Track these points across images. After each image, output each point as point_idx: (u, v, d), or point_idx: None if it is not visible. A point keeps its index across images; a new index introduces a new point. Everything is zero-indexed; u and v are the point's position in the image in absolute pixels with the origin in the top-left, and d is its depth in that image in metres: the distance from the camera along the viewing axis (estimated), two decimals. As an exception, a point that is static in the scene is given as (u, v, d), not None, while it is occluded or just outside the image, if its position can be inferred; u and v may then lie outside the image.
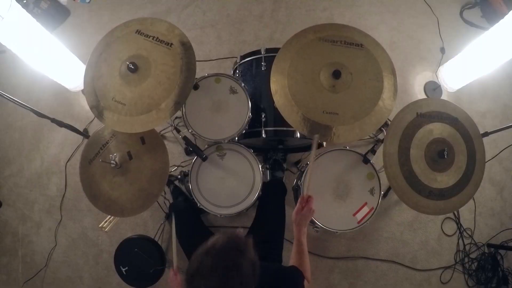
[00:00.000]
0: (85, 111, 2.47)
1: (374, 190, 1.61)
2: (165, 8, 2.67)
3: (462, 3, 2.60)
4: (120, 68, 1.39)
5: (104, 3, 2.76)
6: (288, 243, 1.92)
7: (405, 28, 2.53)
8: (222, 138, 1.69)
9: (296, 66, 1.39)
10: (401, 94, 2.35)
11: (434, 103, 1.43)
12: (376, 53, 1.42)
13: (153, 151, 1.44)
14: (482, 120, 2.34)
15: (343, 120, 1.33)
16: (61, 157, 2.42)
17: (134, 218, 2.22)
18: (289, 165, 2.21)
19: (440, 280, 2.08)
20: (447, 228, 2.15)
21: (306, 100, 1.35)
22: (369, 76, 1.39)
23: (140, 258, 1.66)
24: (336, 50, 1.42)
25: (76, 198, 2.33)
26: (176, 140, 2.33)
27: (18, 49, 1.90)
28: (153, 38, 1.42)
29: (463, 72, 2.18)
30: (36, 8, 2.58)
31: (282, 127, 1.73)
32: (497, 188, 2.24)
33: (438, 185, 1.36)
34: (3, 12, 1.64)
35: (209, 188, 1.68)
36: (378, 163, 1.61)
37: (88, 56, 1.47)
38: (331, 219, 1.57)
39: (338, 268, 2.08)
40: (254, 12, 2.60)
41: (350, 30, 1.46)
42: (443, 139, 1.39)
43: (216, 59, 2.48)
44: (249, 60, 1.86)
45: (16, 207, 2.40)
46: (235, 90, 1.75)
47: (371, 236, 2.13)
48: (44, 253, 2.28)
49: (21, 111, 1.80)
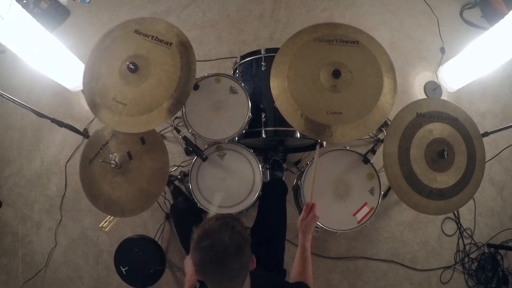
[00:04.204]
0: (85, 111, 2.47)
1: (374, 190, 1.61)
2: (165, 8, 2.68)
3: (462, 3, 2.60)
4: (120, 68, 1.39)
5: (104, 3, 2.76)
6: (289, 244, 1.92)
7: (405, 28, 2.53)
8: (222, 138, 1.68)
9: (295, 69, 1.38)
10: (401, 94, 2.35)
11: (434, 103, 1.43)
12: (372, 49, 1.42)
13: (153, 151, 1.44)
14: (482, 120, 2.34)
15: (348, 119, 1.33)
16: (61, 157, 2.42)
17: (134, 218, 2.22)
18: (289, 165, 2.21)
19: (440, 280, 2.08)
20: (447, 228, 2.15)
21: (308, 102, 1.35)
22: (368, 72, 1.39)
23: (140, 258, 1.66)
24: (333, 49, 1.41)
25: (76, 198, 2.33)
26: (176, 140, 2.33)
27: (18, 49, 1.90)
28: (152, 38, 1.42)
29: (463, 72, 2.18)
30: (36, 8, 2.58)
31: (282, 127, 1.73)
32: (497, 188, 2.24)
33: (438, 185, 1.36)
34: (3, 12, 1.64)
35: (209, 188, 1.68)
36: (378, 163, 1.61)
37: (88, 56, 1.47)
38: (331, 219, 1.57)
39: (338, 268, 2.08)
40: (254, 12, 2.60)
41: (344, 27, 1.46)
42: (443, 139, 1.39)
43: (216, 59, 2.48)
44: (249, 60, 1.86)
45: (16, 207, 2.40)
46: (235, 90, 1.75)
47: (371, 236, 2.13)
48: (44, 253, 2.28)
49: (21, 111, 1.80)
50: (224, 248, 0.87)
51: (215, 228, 0.90)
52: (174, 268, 2.08)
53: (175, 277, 2.09)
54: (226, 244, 0.87)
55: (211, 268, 0.88)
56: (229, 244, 0.88)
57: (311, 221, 1.32)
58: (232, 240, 0.88)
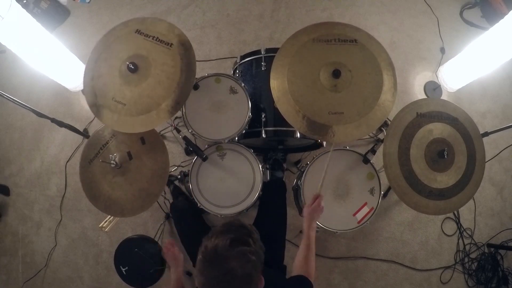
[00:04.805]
0: (85, 111, 2.47)
1: (374, 190, 1.61)
2: (165, 8, 2.68)
3: (462, 3, 2.60)
4: (120, 68, 1.39)
5: (104, 3, 2.76)
6: (289, 244, 1.92)
7: (405, 28, 2.53)
8: (222, 138, 1.68)
9: (294, 71, 1.38)
10: (401, 94, 2.35)
11: (434, 103, 1.43)
12: (371, 47, 1.42)
13: (153, 151, 1.44)
14: (482, 120, 2.34)
15: (349, 118, 1.33)
16: (61, 157, 2.42)
17: (134, 218, 2.22)
18: (289, 165, 2.21)
19: (440, 280, 2.08)
20: (447, 228, 2.15)
21: (309, 103, 1.35)
22: (368, 70, 1.39)
23: (140, 258, 1.66)
24: (332, 49, 1.41)
25: (76, 198, 2.33)
26: (176, 140, 2.33)
27: (18, 49, 1.90)
28: (153, 38, 1.42)
29: (463, 72, 2.18)
30: (36, 8, 2.58)
31: (282, 127, 1.73)
32: (497, 188, 2.24)
33: (438, 185, 1.36)
34: (3, 12, 1.64)
35: (209, 188, 1.68)
36: (378, 163, 1.61)
37: (88, 56, 1.47)
38: (331, 219, 1.57)
39: (338, 268, 2.08)
40: (254, 12, 2.60)
41: (341, 26, 1.46)
42: (443, 139, 1.39)
43: (216, 59, 2.48)
44: (249, 60, 1.86)
45: (16, 207, 2.40)
46: (235, 90, 1.75)
47: (371, 236, 2.13)
48: (44, 253, 2.28)
49: (21, 111, 1.80)
50: (234, 280, 0.81)
51: (227, 255, 0.82)
52: (174, 268, 2.08)
53: (175, 277, 2.09)
54: (237, 276, 0.81)
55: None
56: (241, 276, 0.82)
57: (316, 209, 1.34)
58: (244, 272, 0.82)
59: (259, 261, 0.86)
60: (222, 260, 0.82)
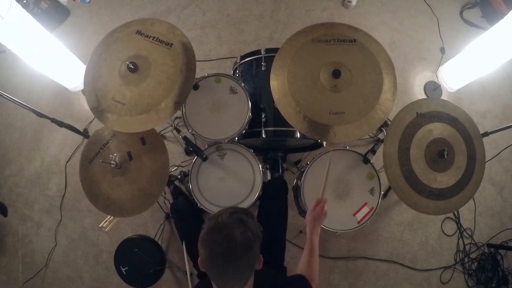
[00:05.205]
0: (85, 111, 2.47)
1: (374, 190, 1.61)
2: (165, 8, 2.68)
3: (462, 3, 2.60)
4: (120, 68, 1.39)
5: (104, 3, 2.76)
6: (289, 244, 1.92)
7: (405, 28, 2.53)
8: (222, 138, 1.68)
9: (294, 72, 1.38)
10: (401, 94, 2.35)
11: (434, 103, 1.43)
12: (370, 46, 1.42)
13: (153, 151, 1.44)
14: (482, 120, 2.34)
15: (350, 118, 1.34)
16: (61, 157, 2.42)
17: (134, 218, 2.22)
18: (289, 165, 2.21)
19: (440, 280, 2.08)
20: (447, 228, 2.15)
21: (310, 104, 1.35)
22: (368, 70, 1.39)
23: (140, 258, 1.66)
24: (331, 49, 1.41)
25: (76, 198, 2.33)
26: (176, 140, 2.33)
27: (18, 49, 1.90)
28: (153, 39, 1.42)
29: (463, 72, 2.19)
30: (36, 8, 2.58)
31: (282, 127, 1.73)
32: (497, 188, 2.24)
33: (438, 185, 1.36)
34: (3, 12, 1.64)
35: (209, 188, 1.68)
36: (378, 163, 1.61)
37: (88, 56, 1.47)
38: (331, 219, 1.56)
39: (338, 268, 2.08)
40: (254, 12, 2.60)
41: (340, 26, 1.46)
42: (443, 139, 1.39)
43: (216, 59, 2.48)
44: (249, 60, 1.86)
45: (16, 207, 2.40)
46: (235, 90, 1.75)
47: (371, 236, 2.13)
48: (44, 253, 2.28)
49: (21, 111, 1.80)
50: (234, 245, 0.86)
51: (228, 222, 0.88)
52: (174, 268, 2.08)
53: (175, 277, 2.09)
54: (237, 241, 0.86)
55: (217, 263, 0.87)
56: (240, 242, 0.86)
57: (319, 213, 1.32)
58: (243, 237, 0.87)
59: (257, 236, 0.91)
60: (222, 227, 0.88)
